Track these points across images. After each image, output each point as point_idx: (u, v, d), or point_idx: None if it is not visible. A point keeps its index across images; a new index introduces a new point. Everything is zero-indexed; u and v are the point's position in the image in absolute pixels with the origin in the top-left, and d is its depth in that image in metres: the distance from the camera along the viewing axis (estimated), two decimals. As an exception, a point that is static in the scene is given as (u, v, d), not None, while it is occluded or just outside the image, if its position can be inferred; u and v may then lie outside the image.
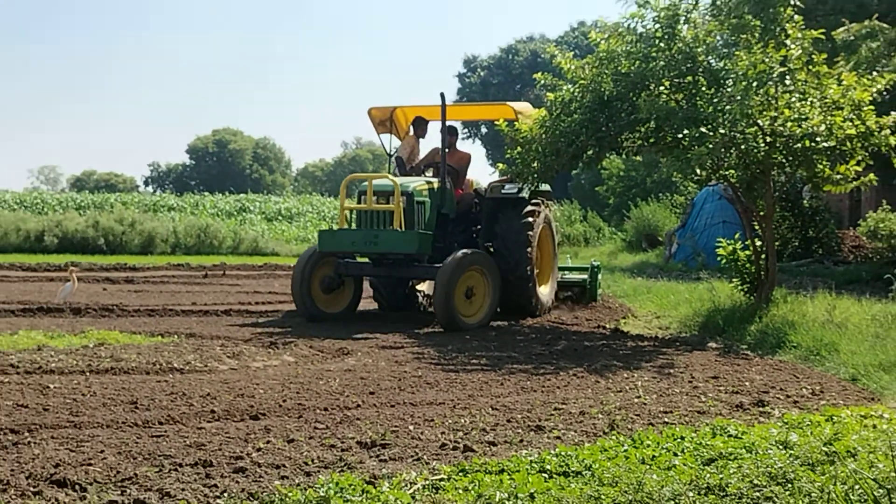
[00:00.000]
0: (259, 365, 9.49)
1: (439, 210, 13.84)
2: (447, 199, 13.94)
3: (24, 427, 6.30)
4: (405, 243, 12.86)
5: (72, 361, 9.01)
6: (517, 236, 13.87)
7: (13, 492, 4.88)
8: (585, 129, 12.88)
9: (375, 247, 12.95)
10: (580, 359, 10.30)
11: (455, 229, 14.28)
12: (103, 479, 5.14)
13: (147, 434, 6.28)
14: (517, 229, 13.92)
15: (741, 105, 11.72)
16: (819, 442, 5.90)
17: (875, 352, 9.72)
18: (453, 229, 14.27)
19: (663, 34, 12.81)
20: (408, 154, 15.12)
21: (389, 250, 12.98)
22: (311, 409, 7.26)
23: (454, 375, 9.04)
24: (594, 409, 7.37)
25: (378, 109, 15.33)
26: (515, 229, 13.92)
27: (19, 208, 39.62)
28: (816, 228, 23.97)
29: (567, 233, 36.82)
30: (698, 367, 9.75)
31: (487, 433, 6.52)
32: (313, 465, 5.55)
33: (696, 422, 6.96)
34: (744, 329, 12.15)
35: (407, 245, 12.87)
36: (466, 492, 4.88)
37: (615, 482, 5.04)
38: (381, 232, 12.92)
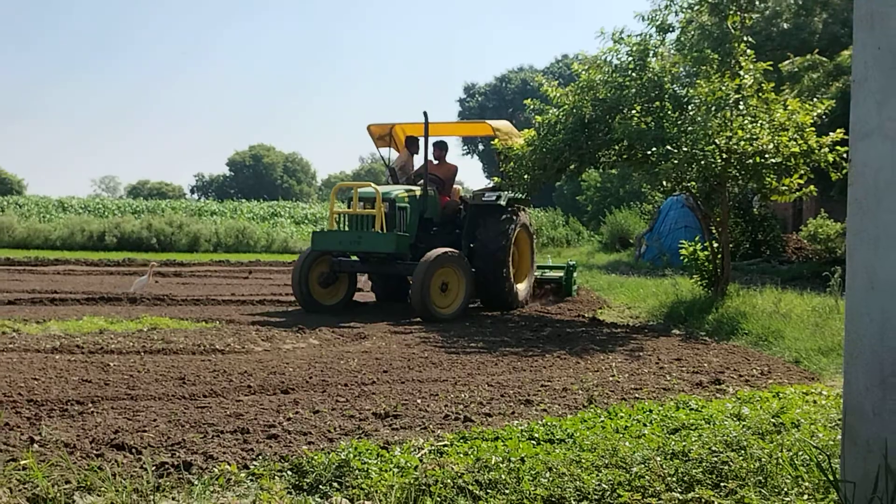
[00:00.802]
0: (289, 347, 9.49)
1: (422, 215, 13.60)
2: (429, 205, 13.72)
3: (88, 399, 6.30)
4: (384, 243, 12.64)
5: (129, 343, 9.01)
6: (495, 238, 13.63)
7: (79, 454, 4.88)
8: (568, 147, 12.88)
9: (359, 246, 12.80)
10: (563, 343, 10.30)
11: (441, 232, 14.05)
12: (156, 443, 5.14)
13: (193, 405, 6.28)
14: (495, 232, 13.68)
15: (701, 126, 11.73)
16: (767, 415, 5.89)
17: (815, 338, 9.72)
18: (439, 232, 14.03)
19: (635, 66, 12.82)
20: (401, 166, 14.93)
21: (370, 249, 12.79)
22: (334, 384, 7.26)
23: (455, 357, 9.04)
24: (575, 386, 7.37)
25: (376, 126, 15.04)
26: (494, 232, 13.68)
27: (84, 212, 39.65)
28: (765, 233, 23.98)
29: (552, 235, 36.80)
30: (664, 351, 9.75)
31: (484, 406, 6.52)
32: (335, 433, 5.55)
33: (663, 397, 6.96)
34: (703, 318, 12.15)
35: (385, 245, 12.65)
36: (466, 456, 4.88)
37: (593, 448, 5.03)
38: (364, 233, 12.75)
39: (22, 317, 11.01)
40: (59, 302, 13.19)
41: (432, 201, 13.84)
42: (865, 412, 3.39)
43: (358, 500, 4.23)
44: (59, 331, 9.85)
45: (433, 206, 13.86)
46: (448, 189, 14.52)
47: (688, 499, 4.26)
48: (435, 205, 13.92)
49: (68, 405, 6.10)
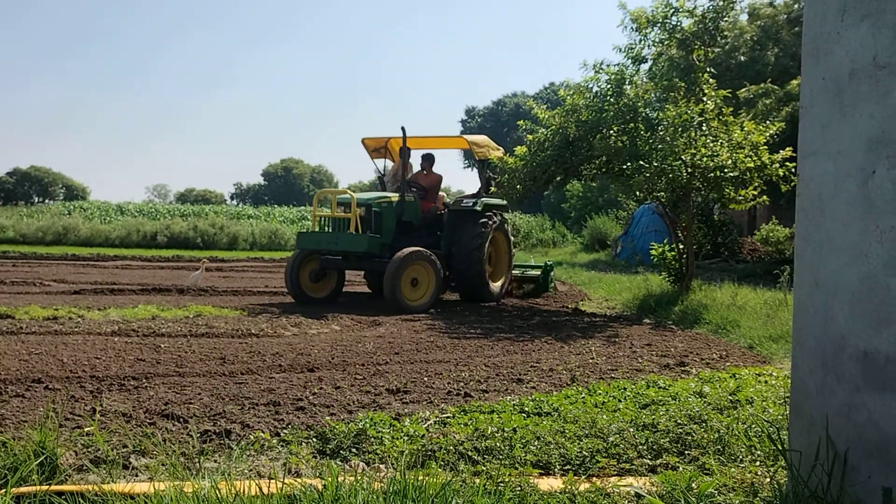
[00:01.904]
0: (314, 332, 9.49)
1: (399, 218, 13.14)
2: (407, 210, 13.25)
3: (142, 375, 6.31)
4: (357, 244, 12.35)
5: (177, 327, 9.02)
6: (471, 240, 13.27)
7: (134, 422, 4.89)
8: (555, 161, 12.89)
9: (336, 246, 12.50)
10: (550, 330, 10.29)
11: (423, 234, 13.60)
12: (200, 413, 5.14)
13: (232, 381, 6.28)
14: (471, 235, 13.32)
15: (669, 145, 11.72)
16: (725, 393, 5.89)
17: (766, 327, 9.70)
18: (422, 234, 13.59)
19: (613, 92, 12.82)
20: (394, 174, 14.55)
21: (345, 249, 12.47)
22: (353, 364, 7.27)
23: (457, 341, 9.04)
24: (560, 367, 7.37)
25: (371, 139, 14.54)
26: (470, 235, 13.32)
27: (139, 215, 39.69)
28: (723, 236, 23.95)
29: (540, 237, 36.80)
30: (636, 337, 9.74)
31: (482, 384, 6.51)
32: (354, 406, 5.55)
33: (635, 377, 6.95)
34: (670, 309, 12.13)
35: (358, 245, 12.34)
36: (466, 426, 4.88)
37: (576, 420, 5.03)
38: (341, 234, 12.49)
39: (86, 304, 11.02)
40: (117, 292, 13.21)
41: (411, 206, 13.39)
42: (809, 391, 3.39)
43: (373, 463, 4.24)
44: (118, 317, 9.87)
45: (412, 210, 13.40)
46: (433, 196, 14.12)
47: (656, 464, 4.26)
48: (414, 209, 13.46)
49: (125, 381, 6.11)
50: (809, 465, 3.29)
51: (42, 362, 6.67)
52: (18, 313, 9.69)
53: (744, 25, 26.12)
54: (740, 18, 26.13)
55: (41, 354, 7.03)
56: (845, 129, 3.18)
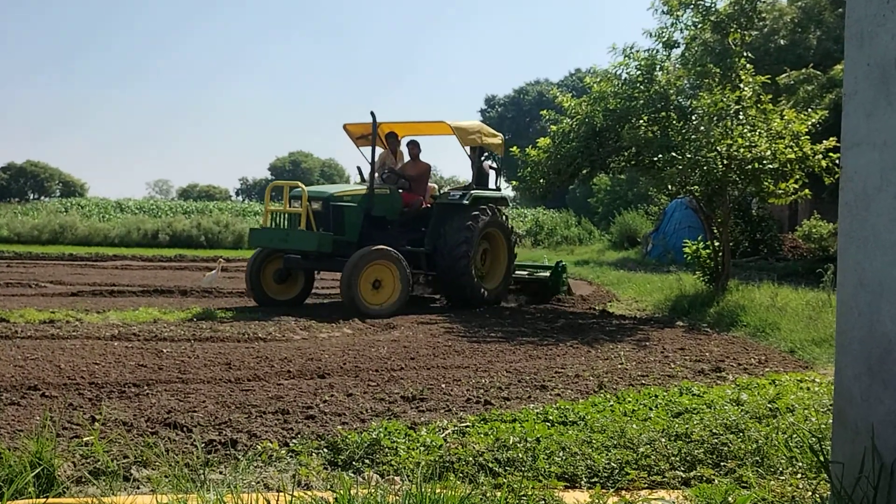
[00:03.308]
0: (325, 335, 9.53)
1: (368, 213, 12.53)
2: (378, 204, 12.64)
3: (144, 382, 6.36)
4: (307, 241, 11.86)
5: (180, 331, 9.08)
6: (457, 238, 12.67)
7: (136, 431, 4.92)
8: (581, 153, 12.89)
9: (286, 243, 12.05)
10: (576, 333, 10.28)
11: (404, 230, 13.09)
12: (205, 422, 5.18)
13: (238, 388, 6.32)
14: (457, 232, 12.71)
15: (704, 135, 11.69)
16: (764, 400, 5.86)
17: (808, 330, 9.65)
18: (403, 230, 13.07)
19: (643, 79, 12.80)
20: (381, 165, 13.71)
21: (295, 247, 12.03)
22: (366, 370, 7.29)
23: (476, 345, 9.04)
24: (586, 373, 7.36)
25: (355, 125, 13.71)
26: (456, 232, 12.71)
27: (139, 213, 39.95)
28: (762, 232, 23.81)
29: (565, 234, 36.71)
30: (669, 341, 9.71)
31: (503, 391, 6.52)
32: (367, 414, 5.57)
33: (667, 384, 6.94)
34: (704, 311, 12.09)
35: (308, 243, 11.86)
36: (486, 436, 4.88)
37: (603, 430, 5.03)
38: (291, 231, 12.02)
39: (84, 307, 11.11)
40: (117, 294, 13.31)
41: (385, 200, 12.81)
42: (854, 398, 3.37)
43: (387, 475, 4.25)
44: (118, 320, 9.94)
45: (386, 204, 12.83)
46: (420, 187, 13.52)
47: (690, 477, 4.25)
48: (390, 203, 12.89)
49: (126, 387, 6.16)
50: (854, 477, 3.27)
51: (38, 368, 6.73)
52: (13, 317, 9.79)
53: (783, 6, 25.97)
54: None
55: (37, 360, 7.09)
56: (892, 118, 3.16)
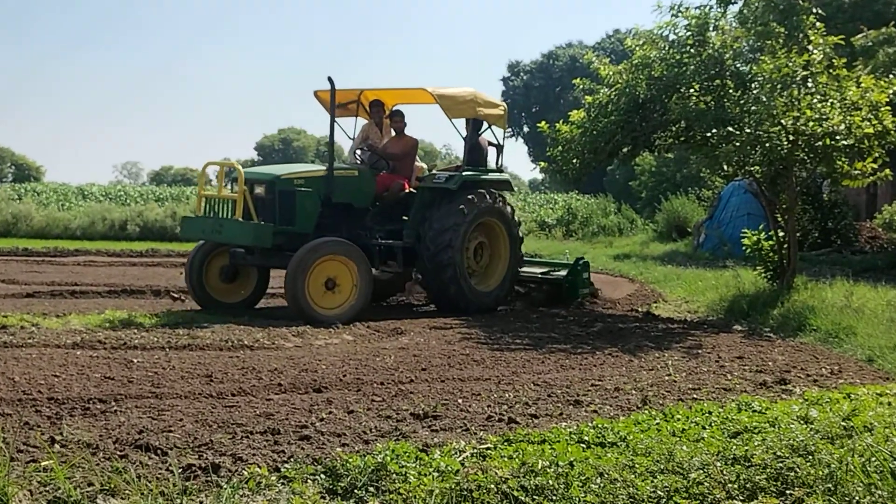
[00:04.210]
0: (321, 343, 9.55)
1: (326, 199, 12.04)
2: (341, 188, 12.17)
3: (111, 397, 6.39)
4: (241, 234, 11.45)
5: (153, 338, 9.10)
6: (441, 229, 12.23)
7: (102, 455, 4.95)
8: (621, 129, 12.86)
9: (219, 235, 11.65)
10: (615, 339, 10.27)
11: (379, 219, 12.69)
12: (182, 444, 5.21)
13: (221, 404, 6.35)
14: (443, 222, 12.27)
15: (766, 106, 11.62)
16: (838, 417, 5.84)
17: (890, 334, 9.60)
18: (378, 219, 12.68)
19: (694, 41, 12.75)
20: (360, 140, 13.52)
21: (229, 240, 11.68)
22: (369, 383, 7.30)
23: (499, 354, 9.05)
24: (628, 386, 7.36)
25: (327, 93, 12.47)
26: (441, 222, 12.27)
27: (105, 200, 40.07)
28: (835, 220, 23.66)
29: (602, 224, 36.59)
30: (724, 348, 9.68)
31: (530, 406, 6.52)
32: (371, 434, 5.59)
33: (723, 398, 6.92)
34: (767, 313, 12.04)
35: (242, 236, 11.46)
36: (511, 460, 4.89)
37: (648, 452, 5.02)
38: (225, 221, 11.58)
39: (41, 310, 11.16)
40: (79, 295, 13.38)
41: (349, 183, 12.38)
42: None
43: (395, 505, 4.26)
44: (80, 325, 9.99)
45: (350, 188, 12.37)
46: (405, 168, 13.11)
47: (750, 507, 4.24)
48: (357, 187, 12.45)
49: (90, 403, 6.20)
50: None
51: (-11, 381, 6.78)
52: (-40, 321, 9.84)
53: (860, -47, 25.76)
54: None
55: (-12, 372, 7.14)
56: None
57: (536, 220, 37.81)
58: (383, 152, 13.03)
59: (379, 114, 13.53)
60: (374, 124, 13.59)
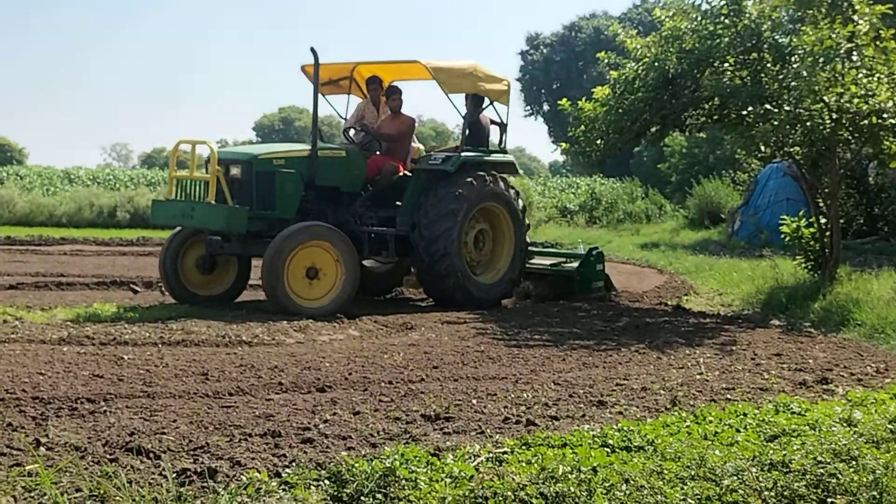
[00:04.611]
0: (325, 339, 9.57)
1: (310, 182, 11.91)
2: (326, 170, 12.05)
3: (100, 396, 6.43)
4: (213, 218, 11.34)
5: (144, 333, 9.13)
6: (437, 216, 12.12)
7: (90, 458, 4.97)
8: (649, 106, 12.81)
9: (191, 220, 11.59)
10: (642, 335, 10.26)
11: (370, 205, 12.58)
12: (176, 447, 5.23)
13: (217, 405, 6.38)
14: (438, 208, 12.15)
15: (807, 82, 11.55)
16: (884, 420, 5.83)
17: (942, 330, 9.58)
18: (370, 205, 12.57)
19: (728, 11, 12.68)
20: (356, 118, 13.35)
21: (201, 225, 11.57)
22: (376, 382, 7.33)
23: (516, 350, 9.06)
24: (656, 385, 7.36)
25: (321, 68, 12.38)
26: (436, 208, 12.15)
27: (93, 184, 40.13)
28: (882, 206, 23.51)
29: (629, 210, 36.50)
30: (761, 345, 9.67)
31: (550, 408, 6.53)
32: (379, 437, 5.60)
33: (759, 399, 6.92)
34: (807, 306, 12.01)
35: (215, 220, 11.34)
36: (529, 465, 4.89)
37: (677, 457, 5.02)
38: (197, 205, 11.51)
39: (25, 303, 11.21)
40: (66, 286, 13.42)
41: (336, 164, 12.25)
42: None
43: (405, 513, 4.28)
44: (67, 319, 10.03)
45: (337, 170, 12.24)
46: (400, 149, 13.01)
47: (788, 517, 4.25)
48: (344, 168, 12.31)
49: (78, 403, 6.23)
50: None
51: (-31, 379, 6.82)
52: (-63, 315, 9.91)
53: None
54: None
55: (-32, 369, 7.19)
56: None
57: (557, 206, 37.69)
58: (377, 132, 12.90)
59: (376, 91, 13.34)
60: (371, 102, 13.41)
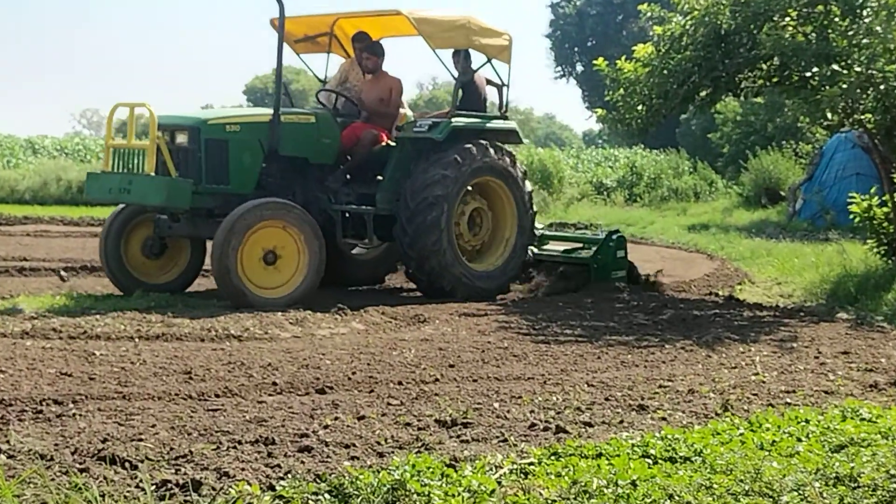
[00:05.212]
0: (325, 333, 9.58)
1: (271, 151, 11.70)
2: (291, 138, 11.84)
3: (69, 398, 6.43)
4: (152, 192, 11.11)
5: (119, 326, 9.16)
6: (425, 181, 11.92)
7: (58, 468, 4.97)
8: (698, 67, 12.73)
9: (128, 196, 11.37)
10: (689, 330, 10.24)
11: (345, 178, 12.41)
12: (155, 455, 5.23)
13: (203, 407, 6.39)
14: (426, 173, 12.00)
15: (881, 38, 11.52)
16: (967, 428, 5.81)
17: None
18: (348, 180, 12.42)
19: (790, -44, 12.61)
20: (340, 80, 13.28)
21: (139, 201, 11.41)
22: (384, 382, 7.33)
23: (545, 347, 9.05)
24: (705, 388, 7.34)
25: (293, 21, 12.37)
26: (422, 182, 11.97)
27: (60, 155, 40.20)
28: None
29: (674, 186, 36.43)
30: (826, 341, 9.64)
31: (583, 412, 6.52)
32: (387, 445, 5.60)
33: (823, 403, 6.89)
34: (880, 298, 11.95)
35: (154, 194, 11.10)
36: (559, 477, 4.89)
37: (729, 469, 5.01)
38: (135, 177, 11.25)
39: (-17, 291, 11.28)
40: (29, 272, 13.48)
41: (303, 132, 12.05)
42: None
43: (417, 532, 4.28)
44: (31, 309, 10.06)
45: (304, 138, 12.03)
46: (385, 115, 12.78)
47: (856, 539, 4.24)
48: (314, 137, 12.10)
49: (43, 405, 6.24)
50: None
51: (-80, 377, 6.86)
52: None
53: None
54: None
55: (-81, 366, 7.23)
56: None
57: (592, 182, 37.61)
58: (355, 96, 12.74)
59: (365, 48, 12.94)
60: (357, 63, 13.12)
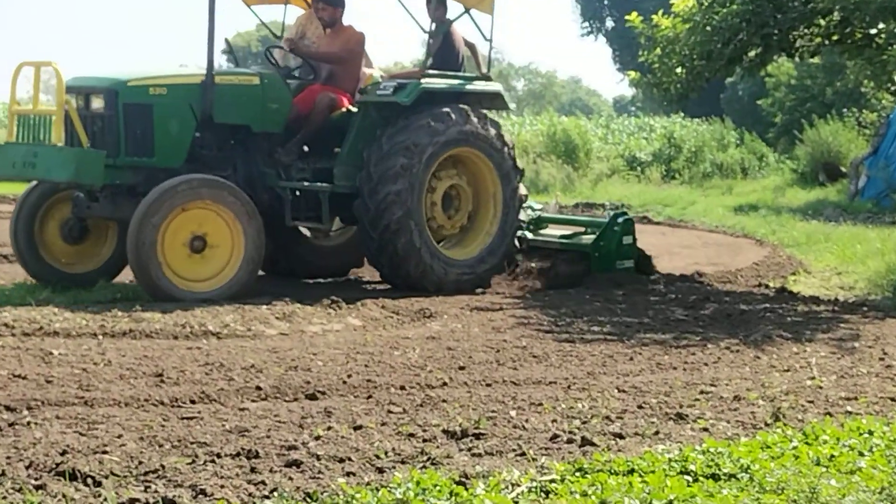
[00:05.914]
0: (317, 329, 9.59)
1: (205, 118, 11.41)
2: (225, 102, 11.53)
3: (23, 404, 6.44)
4: (59, 166, 10.87)
5: (81, 321, 9.19)
6: (385, 166, 11.64)
7: (10, 484, 4.98)
8: (747, 23, 12.73)
9: (33, 170, 11.21)
10: (735, 327, 10.25)
11: (298, 150, 12.14)
12: (122, 470, 5.23)
13: (176, 415, 6.39)
14: (387, 153, 11.70)
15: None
16: None
17: None
18: (294, 150, 12.09)
19: None
20: (296, 35, 12.94)
21: (44, 176, 11.23)
22: (384, 387, 7.34)
23: (569, 347, 9.06)
24: (753, 394, 7.34)
25: None
26: (385, 153, 11.70)
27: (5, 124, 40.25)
28: None
29: (718, 161, 36.39)
30: (893, 340, 9.64)
31: (612, 422, 6.53)
32: (387, 459, 5.61)
33: (889, 412, 6.89)
34: (955, 291, 11.98)
35: (61, 169, 10.87)
36: (585, 497, 4.90)
37: (781, 488, 5.02)
38: (41, 148, 11.10)
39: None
40: (-24, 259, 13.50)
41: (244, 94, 11.80)
42: None
43: (421, 560, 4.30)
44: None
45: (245, 103, 11.75)
46: (347, 76, 12.52)
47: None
48: (260, 101, 11.80)
49: (-6, 413, 6.27)
50: None
51: None
52: None
53: None
54: None
55: None
56: None
57: (624, 156, 37.44)
58: (311, 52, 12.55)
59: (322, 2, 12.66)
60: (316, 16, 12.83)
